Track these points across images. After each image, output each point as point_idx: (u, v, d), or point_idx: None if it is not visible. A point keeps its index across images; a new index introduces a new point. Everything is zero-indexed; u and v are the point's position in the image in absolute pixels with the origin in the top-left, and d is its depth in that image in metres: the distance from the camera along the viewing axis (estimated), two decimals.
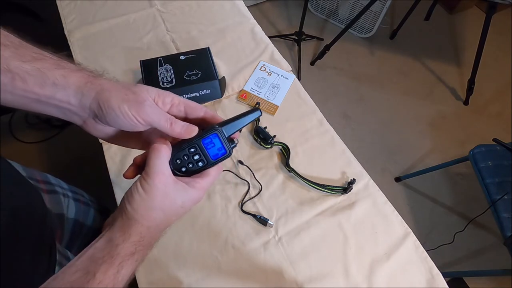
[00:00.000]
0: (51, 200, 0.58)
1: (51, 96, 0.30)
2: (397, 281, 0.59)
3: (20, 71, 0.29)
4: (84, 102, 0.31)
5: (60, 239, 0.58)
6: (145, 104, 0.31)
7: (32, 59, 0.29)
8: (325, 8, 2.04)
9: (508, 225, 1.01)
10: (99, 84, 0.31)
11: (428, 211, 1.48)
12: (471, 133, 1.70)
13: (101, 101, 0.30)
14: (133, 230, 0.31)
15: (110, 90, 0.31)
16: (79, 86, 0.31)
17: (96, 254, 0.29)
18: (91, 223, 0.70)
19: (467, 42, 2.04)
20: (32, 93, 0.29)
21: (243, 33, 0.90)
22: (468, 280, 1.26)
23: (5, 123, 1.56)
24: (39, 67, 0.29)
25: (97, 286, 0.28)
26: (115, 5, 0.93)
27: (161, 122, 0.32)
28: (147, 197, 0.31)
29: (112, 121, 0.31)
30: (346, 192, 0.66)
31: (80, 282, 0.27)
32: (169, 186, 0.32)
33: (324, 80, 1.86)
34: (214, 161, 0.35)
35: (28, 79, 0.29)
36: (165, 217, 0.33)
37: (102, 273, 0.28)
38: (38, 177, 0.59)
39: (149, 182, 0.31)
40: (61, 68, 0.30)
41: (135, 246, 0.31)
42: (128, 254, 0.30)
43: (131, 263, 0.30)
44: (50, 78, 0.30)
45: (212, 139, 0.35)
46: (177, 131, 0.33)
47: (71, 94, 0.30)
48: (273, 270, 0.59)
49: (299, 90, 0.80)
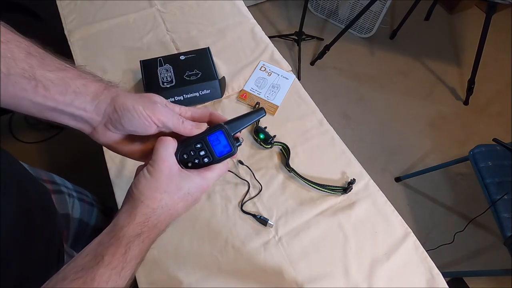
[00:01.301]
0: (57, 200, 0.58)
1: (69, 103, 0.32)
2: (397, 281, 0.59)
3: (44, 79, 0.31)
4: (100, 107, 0.33)
5: (66, 239, 0.58)
6: (158, 105, 0.34)
7: (57, 69, 0.32)
8: (325, 8, 2.04)
9: (508, 225, 1.01)
10: (115, 91, 0.34)
11: (428, 211, 1.48)
12: (471, 133, 1.70)
13: (116, 104, 0.33)
14: (138, 211, 0.32)
15: (125, 95, 0.34)
16: (96, 93, 0.33)
17: (104, 238, 0.31)
18: (94, 223, 0.70)
19: (467, 42, 2.04)
20: (53, 100, 0.31)
21: (243, 33, 0.90)
22: (468, 280, 1.26)
23: (5, 123, 1.56)
24: (63, 76, 0.32)
25: (106, 267, 0.29)
26: (115, 5, 0.93)
27: (174, 120, 0.35)
28: (152, 179, 0.32)
29: (126, 122, 0.33)
30: (346, 192, 0.66)
31: (90, 265, 0.28)
32: (174, 171, 0.34)
33: (324, 80, 1.86)
34: (219, 158, 0.37)
35: (51, 87, 0.31)
36: (171, 200, 0.34)
37: (110, 255, 0.29)
38: (45, 177, 0.59)
39: (154, 167, 0.33)
40: (82, 78, 0.33)
41: (140, 227, 0.32)
42: (134, 235, 0.31)
43: (138, 244, 0.31)
44: (72, 87, 0.32)
45: (218, 136, 0.36)
46: (189, 127, 0.36)
47: (88, 101, 0.33)
48: (273, 270, 0.59)
49: (299, 90, 0.80)
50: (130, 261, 0.30)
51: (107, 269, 0.28)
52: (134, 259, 0.31)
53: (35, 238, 0.43)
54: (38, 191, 0.50)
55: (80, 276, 0.28)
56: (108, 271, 0.28)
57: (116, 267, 0.29)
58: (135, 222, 0.31)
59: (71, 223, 0.61)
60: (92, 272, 0.28)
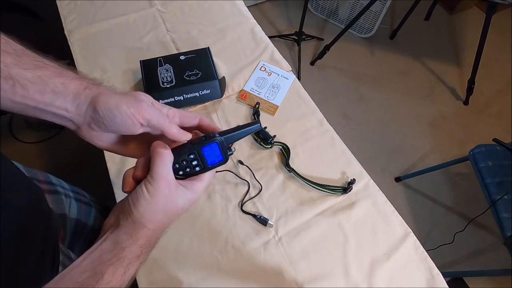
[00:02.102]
0: (53, 200, 0.58)
1: (49, 103, 0.31)
2: (397, 281, 0.59)
3: (21, 78, 0.29)
4: (81, 107, 0.32)
5: (62, 239, 0.58)
6: (144, 103, 0.33)
7: (34, 67, 0.30)
8: (325, 8, 2.04)
9: (508, 225, 1.01)
10: (97, 90, 0.32)
11: (428, 211, 1.48)
12: (471, 133, 1.70)
13: (97, 104, 0.31)
14: (141, 234, 0.32)
15: (107, 94, 0.32)
16: (77, 92, 0.31)
17: (103, 256, 0.30)
18: (92, 223, 0.70)
19: (467, 42, 2.04)
20: (32, 100, 0.30)
21: (243, 33, 0.90)
22: (468, 280, 1.26)
23: (5, 123, 1.56)
24: (40, 75, 0.30)
25: (105, 286, 0.29)
26: (115, 5, 0.93)
27: (160, 120, 0.33)
28: (152, 200, 0.32)
29: (110, 122, 0.32)
30: (346, 192, 0.66)
31: (89, 282, 0.28)
32: (172, 190, 0.33)
33: (324, 80, 1.86)
34: (210, 167, 0.37)
35: (29, 87, 0.30)
36: (167, 219, 0.34)
37: (110, 274, 0.29)
38: (40, 177, 0.59)
39: (154, 186, 0.32)
40: (62, 76, 0.31)
41: (141, 248, 0.32)
42: (135, 256, 0.31)
43: (137, 264, 0.32)
44: (50, 86, 0.30)
45: (212, 148, 0.36)
46: (174, 131, 0.34)
47: (68, 101, 0.31)
48: (273, 270, 0.59)
49: (299, 90, 0.80)
50: (127, 279, 0.31)
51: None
52: (131, 276, 0.32)
53: (28, 238, 0.43)
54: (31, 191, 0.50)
55: None
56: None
57: (115, 286, 0.30)
58: (137, 244, 0.31)
59: (68, 223, 0.61)
60: None
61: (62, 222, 0.59)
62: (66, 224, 0.61)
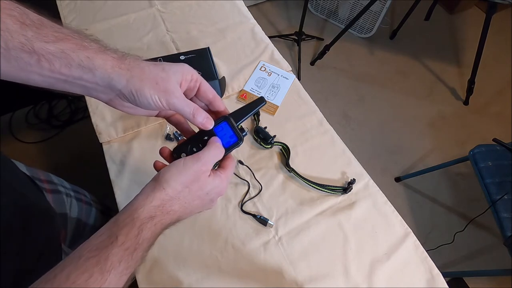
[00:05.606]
0: (54, 200, 0.58)
1: (78, 77, 0.31)
2: (397, 281, 0.59)
3: (45, 53, 0.29)
4: (114, 85, 0.32)
5: (64, 238, 0.58)
6: (173, 95, 0.34)
7: (55, 39, 0.30)
8: (325, 8, 2.04)
9: (508, 225, 1.01)
10: (127, 69, 0.33)
11: (428, 211, 1.48)
12: (471, 133, 1.70)
13: (133, 89, 0.32)
14: (157, 196, 0.32)
15: (141, 79, 0.33)
16: (105, 69, 0.31)
17: (119, 218, 0.31)
18: (93, 222, 0.70)
19: (467, 42, 2.04)
20: (60, 73, 0.30)
21: (243, 33, 0.90)
22: (468, 280, 1.26)
23: (5, 123, 1.56)
24: (63, 49, 0.30)
25: (119, 247, 0.29)
26: (115, 5, 0.93)
27: (186, 110, 0.35)
28: (183, 172, 0.34)
29: (142, 104, 0.34)
30: (346, 192, 0.66)
31: (104, 244, 0.29)
32: (205, 176, 0.35)
33: (324, 80, 1.86)
34: (227, 148, 0.38)
35: (54, 61, 0.29)
36: (189, 195, 0.35)
37: (124, 235, 0.30)
38: (42, 177, 0.59)
39: (192, 161, 0.34)
40: (84, 49, 0.31)
41: (154, 210, 0.32)
42: (147, 217, 0.31)
43: (150, 226, 0.31)
44: (75, 60, 0.30)
45: (223, 127, 0.38)
46: (199, 120, 0.36)
47: (98, 77, 0.31)
48: (273, 270, 0.59)
49: (299, 90, 0.80)
50: (142, 242, 0.31)
51: (120, 249, 0.29)
52: (146, 241, 0.31)
53: (31, 237, 0.43)
54: (33, 191, 0.50)
55: (94, 255, 0.28)
56: (121, 252, 0.29)
57: (129, 248, 0.29)
58: (151, 205, 0.32)
59: (69, 223, 0.61)
60: (105, 251, 0.28)
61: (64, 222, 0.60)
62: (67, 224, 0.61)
